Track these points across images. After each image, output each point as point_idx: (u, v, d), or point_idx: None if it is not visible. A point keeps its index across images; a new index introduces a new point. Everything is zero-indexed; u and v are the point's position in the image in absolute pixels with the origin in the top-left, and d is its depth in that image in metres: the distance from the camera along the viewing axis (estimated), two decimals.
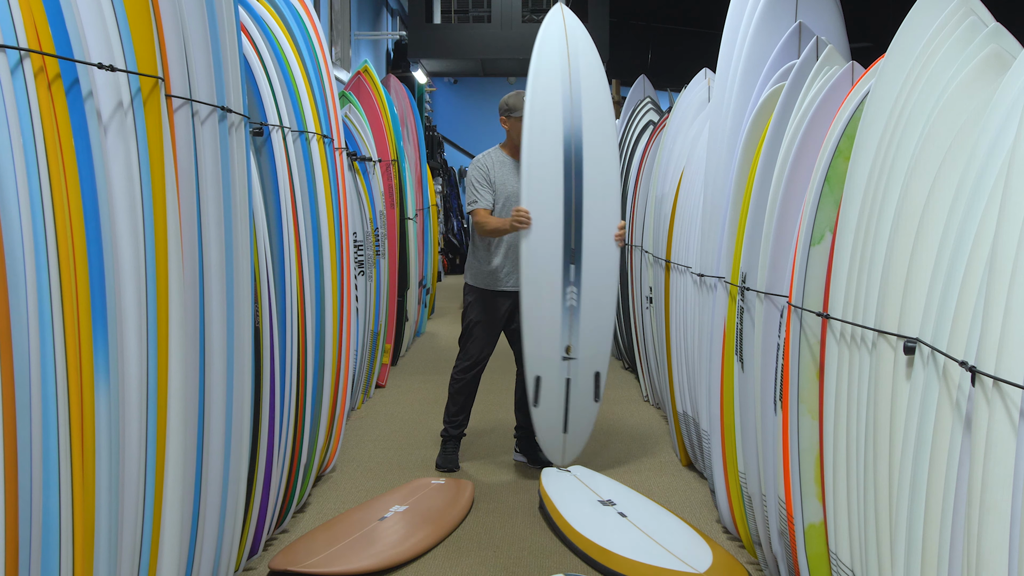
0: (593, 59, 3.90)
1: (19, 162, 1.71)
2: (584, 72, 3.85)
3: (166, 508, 2.19)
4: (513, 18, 11.51)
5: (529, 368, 3.93)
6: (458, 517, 3.56)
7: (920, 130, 1.93)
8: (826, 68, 2.69)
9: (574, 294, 3.78)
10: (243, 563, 2.95)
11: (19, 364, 1.69)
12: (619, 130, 7.21)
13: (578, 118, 3.82)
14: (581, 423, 4.00)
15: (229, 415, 2.54)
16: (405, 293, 6.65)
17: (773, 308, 2.72)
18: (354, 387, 5.11)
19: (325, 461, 3.97)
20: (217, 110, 2.44)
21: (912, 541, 1.78)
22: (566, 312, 3.79)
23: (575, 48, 3.82)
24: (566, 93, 3.81)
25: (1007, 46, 1.83)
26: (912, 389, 1.84)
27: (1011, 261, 1.49)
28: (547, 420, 3.94)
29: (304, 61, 3.52)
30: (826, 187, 2.36)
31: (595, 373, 3.96)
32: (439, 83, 15.08)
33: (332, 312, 3.60)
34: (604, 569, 3.11)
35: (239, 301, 2.58)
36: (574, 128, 3.81)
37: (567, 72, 3.79)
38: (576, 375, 3.92)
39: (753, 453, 2.95)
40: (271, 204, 3.04)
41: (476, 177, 4.15)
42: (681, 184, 4.25)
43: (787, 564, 2.73)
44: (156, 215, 2.11)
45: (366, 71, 6.47)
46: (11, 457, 1.67)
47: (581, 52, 3.86)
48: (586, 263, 3.85)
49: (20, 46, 1.74)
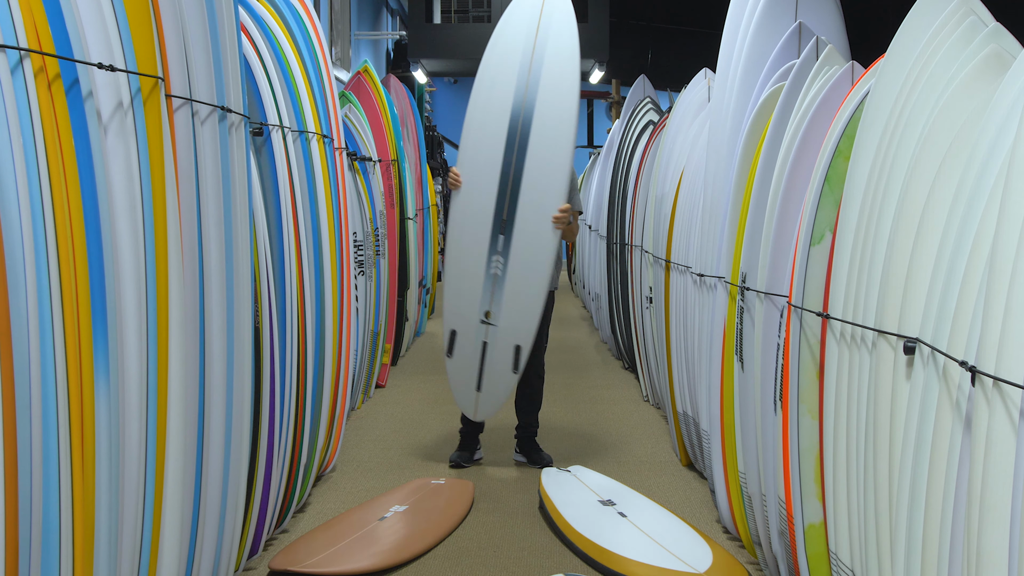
0: (567, 41, 3.77)
1: (19, 162, 1.71)
2: (551, 50, 3.73)
3: (166, 508, 2.19)
4: None
5: (446, 320, 3.98)
6: (458, 517, 3.56)
7: (920, 130, 1.93)
8: (826, 68, 2.69)
9: (500, 264, 3.79)
10: (243, 563, 2.95)
11: (19, 364, 1.69)
12: (619, 130, 7.22)
13: (533, 93, 3.74)
14: (496, 387, 3.99)
15: (229, 415, 2.54)
16: (405, 293, 6.65)
17: (773, 308, 2.72)
18: (354, 387, 5.11)
19: (325, 461, 3.97)
20: (217, 110, 2.44)
21: (912, 541, 1.78)
22: (489, 279, 3.81)
23: (548, 24, 3.74)
24: (524, 66, 3.72)
25: (1007, 46, 1.83)
26: (912, 389, 1.84)
27: (1011, 261, 1.49)
28: (460, 374, 3.98)
29: (304, 61, 3.52)
30: (826, 187, 2.36)
31: (516, 346, 3.93)
32: (439, 83, 15.09)
33: (332, 312, 3.60)
34: (604, 569, 3.11)
35: (239, 301, 2.58)
36: (527, 102, 3.74)
37: (531, 46, 3.70)
38: (494, 341, 3.92)
39: (753, 453, 2.95)
40: (271, 204, 3.04)
41: None
42: (681, 184, 4.25)
43: (787, 564, 2.73)
44: (156, 215, 2.11)
45: (366, 71, 6.47)
46: (11, 457, 1.67)
47: (554, 31, 3.75)
48: (517, 237, 3.81)
49: (20, 46, 1.74)
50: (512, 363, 3.94)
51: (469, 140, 3.89)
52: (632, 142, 6.35)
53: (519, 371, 3.98)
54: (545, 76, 3.73)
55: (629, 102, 7.10)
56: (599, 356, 7.56)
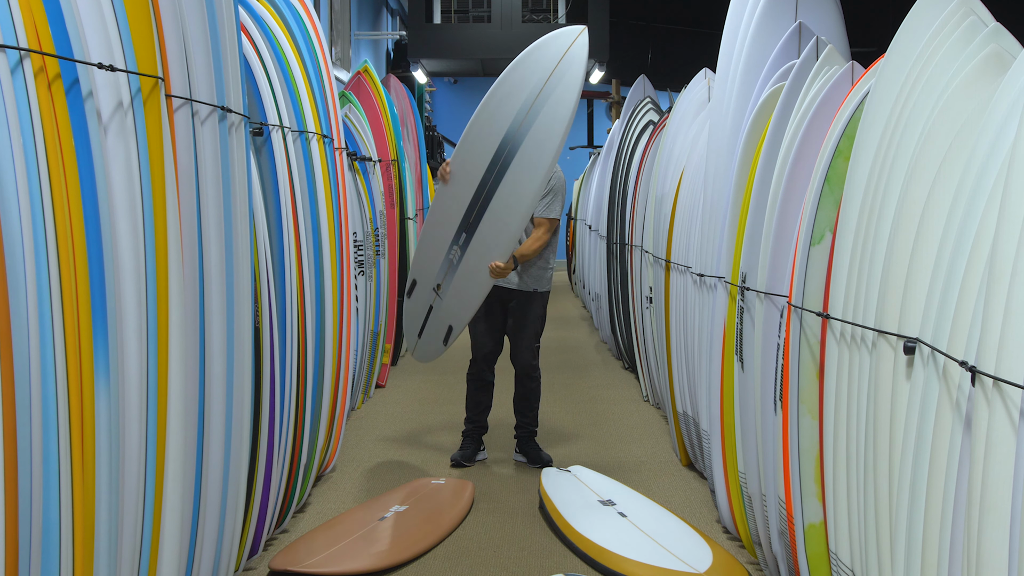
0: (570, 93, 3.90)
1: (19, 162, 1.71)
2: (553, 101, 3.91)
3: (166, 508, 2.19)
4: (513, 18, 11.51)
5: (412, 267, 4.37)
6: (458, 517, 3.56)
7: (920, 130, 1.93)
8: (826, 68, 2.69)
9: (457, 255, 4.08)
10: (243, 563, 2.95)
11: (19, 364, 1.69)
12: (619, 130, 7.22)
13: (524, 133, 3.93)
14: (430, 345, 4.30)
15: (229, 415, 2.54)
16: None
17: (773, 308, 2.72)
18: (354, 387, 5.12)
19: (325, 461, 3.97)
20: (217, 110, 2.44)
21: (912, 541, 1.78)
22: (446, 261, 4.12)
23: (562, 72, 3.90)
24: (528, 102, 3.93)
25: (1007, 46, 1.83)
26: (912, 389, 1.84)
27: (1011, 261, 1.49)
28: (410, 317, 4.38)
29: (304, 61, 3.52)
30: (826, 187, 2.36)
31: (448, 325, 4.19)
32: (439, 83, 15.09)
33: (332, 312, 3.60)
34: (604, 569, 3.11)
35: (239, 301, 2.58)
36: (517, 138, 3.94)
37: (540, 86, 3.91)
38: (436, 310, 4.24)
39: (753, 453, 2.95)
40: (271, 204, 3.04)
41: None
42: (681, 184, 4.25)
43: (787, 564, 2.73)
44: (156, 215, 2.11)
45: (366, 71, 6.47)
46: (11, 457, 1.67)
47: (563, 81, 3.92)
48: (473, 246, 4.05)
49: (20, 46, 1.74)
50: (443, 336, 4.23)
51: (465, 146, 4.09)
52: (632, 142, 6.35)
53: (447, 345, 4.22)
54: (537, 125, 3.94)
55: (629, 102, 7.10)
56: (599, 356, 7.56)
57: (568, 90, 3.85)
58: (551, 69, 3.88)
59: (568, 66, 3.88)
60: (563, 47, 3.92)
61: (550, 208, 4.17)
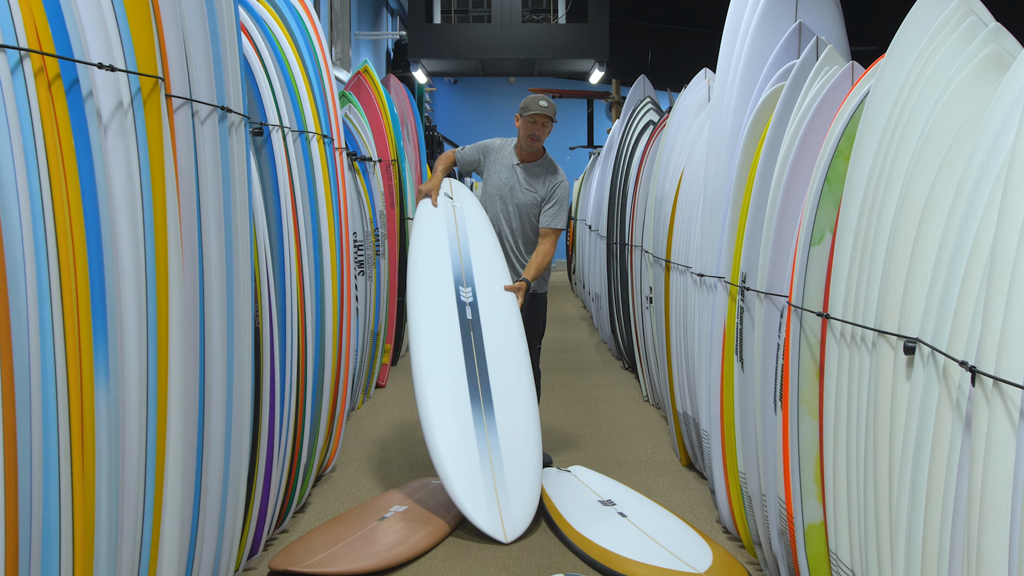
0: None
1: (19, 162, 1.71)
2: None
3: (166, 508, 2.19)
4: (513, 18, 11.52)
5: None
6: (458, 517, 3.56)
7: (920, 130, 1.93)
8: (826, 68, 2.69)
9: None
10: (243, 563, 2.95)
11: (19, 364, 1.69)
12: (619, 130, 7.22)
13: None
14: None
15: (229, 415, 2.54)
16: (405, 293, 6.64)
17: (773, 308, 2.72)
18: (354, 387, 5.11)
19: (325, 461, 3.97)
20: (217, 110, 2.44)
21: (912, 541, 1.78)
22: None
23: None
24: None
25: (1007, 46, 1.83)
26: (912, 389, 1.84)
27: (1011, 261, 1.49)
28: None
29: (304, 61, 3.52)
30: (826, 187, 2.36)
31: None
32: (439, 83, 15.08)
33: (332, 312, 3.60)
34: (604, 569, 3.11)
35: (239, 301, 2.58)
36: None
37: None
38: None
39: (753, 453, 2.95)
40: (271, 204, 3.04)
41: (478, 144, 4.38)
42: (681, 184, 4.25)
43: (787, 564, 2.73)
44: (156, 215, 2.11)
45: (366, 71, 6.47)
46: (11, 457, 1.67)
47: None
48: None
49: (20, 46, 1.74)
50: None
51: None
52: (632, 142, 6.35)
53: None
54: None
55: (629, 102, 7.10)
56: (599, 356, 7.56)
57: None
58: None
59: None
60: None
61: (556, 219, 4.20)
